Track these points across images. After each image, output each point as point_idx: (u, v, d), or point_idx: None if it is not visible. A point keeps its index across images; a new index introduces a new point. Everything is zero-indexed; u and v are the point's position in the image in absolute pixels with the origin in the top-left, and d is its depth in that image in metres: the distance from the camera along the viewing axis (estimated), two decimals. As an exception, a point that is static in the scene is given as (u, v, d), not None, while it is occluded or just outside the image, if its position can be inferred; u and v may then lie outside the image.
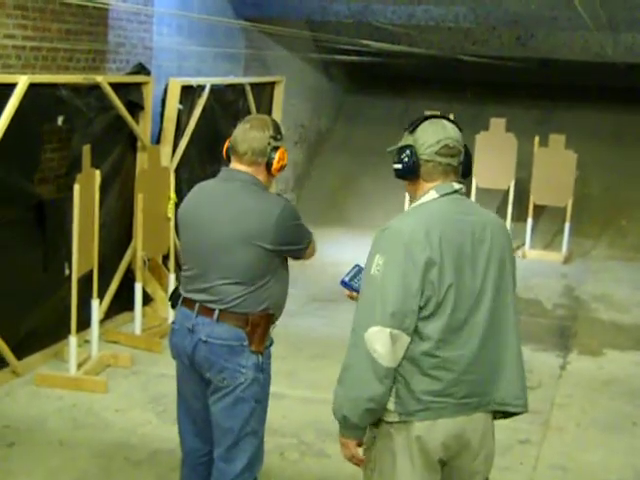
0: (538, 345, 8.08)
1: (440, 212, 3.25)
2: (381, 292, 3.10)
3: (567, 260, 11.82)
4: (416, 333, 3.13)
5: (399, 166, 3.33)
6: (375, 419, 3.21)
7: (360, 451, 3.32)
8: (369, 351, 3.09)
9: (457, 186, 3.32)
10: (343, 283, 3.58)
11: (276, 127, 4.13)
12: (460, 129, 3.39)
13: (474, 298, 3.22)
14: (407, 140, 3.34)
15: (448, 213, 3.25)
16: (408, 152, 3.30)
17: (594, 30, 9.92)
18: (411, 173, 3.31)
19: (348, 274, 3.58)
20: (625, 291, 10.43)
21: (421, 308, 3.12)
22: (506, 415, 3.41)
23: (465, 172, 3.43)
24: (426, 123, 3.34)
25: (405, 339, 3.11)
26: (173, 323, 4.21)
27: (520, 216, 11.86)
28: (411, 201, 3.43)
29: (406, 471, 3.23)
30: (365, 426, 3.23)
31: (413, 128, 3.34)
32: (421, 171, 3.30)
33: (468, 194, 3.48)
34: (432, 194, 3.29)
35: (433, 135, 3.29)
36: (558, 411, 6.75)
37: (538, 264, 11.33)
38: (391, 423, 3.21)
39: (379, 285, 3.11)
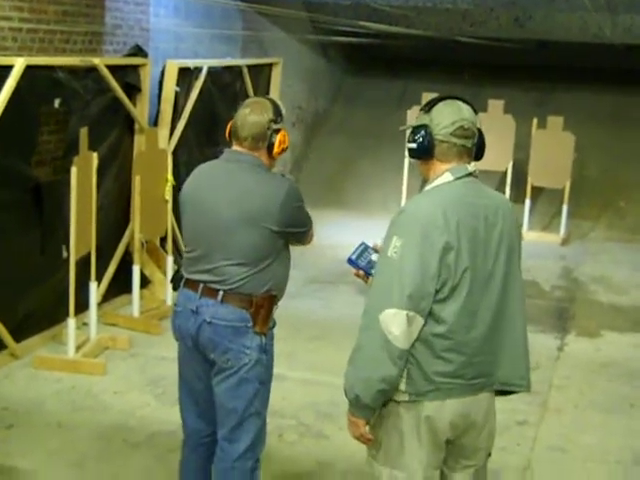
0: (536, 327, 8.08)
1: (456, 195, 3.25)
2: (399, 274, 3.11)
3: (565, 242, 11.82)
4: (431, 316, 3.15)
5: (414, 145, 3.32)
6: (386, 399, 3.23)
7: (367, 430, 3.33)
8: (384, 333, 3.09)
9: (471, 168, 3.33)
10: (350, 261, 3.57)
11: (276, 109, 4.13)
12: (475, 111, 3.39)
13: (485, 281, 3.24)
14: (422, 120, 3.33)
15: (463, 197, 3.26)
16: (423, 132, 3.30)
17: (592, 11, 9.90)
18: (425, 153, 3.31)
19: (355, 252, 3.58)
20: (623, 273, 10.43)
21: (437, 291, 3.13)
22: (507, 393, 3.46)
23: (478, 154, 3.43)
24: (441, 104, 3.33)
25: (420, 321, 3.12)
26: (175, 305, 4.21)
27: (518, 198, 11.84)
28: (423, 181, 3.44)
29: (413, 450, 3.27)
30: (376, 406, 3.24)
31: (429, 108, 3.34)
32: (435, 151, 3.30)
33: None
34: (447, 176, 3.29)
35: (449, 116, 3.28)
36: (556, 392, 6.76)
37: (536, 246, 11.32)
38: (400, 402, 3.24)
39: (397, 267, 3.12)
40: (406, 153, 3.41)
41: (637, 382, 7.04)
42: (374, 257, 3.52)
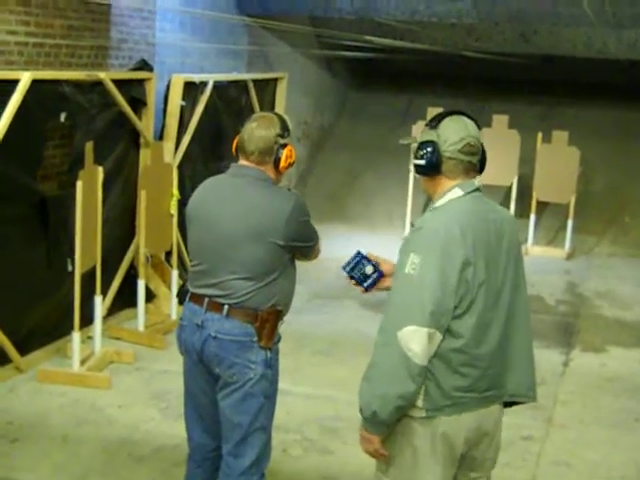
0: (541, 342, 8.07)
1: (468, 210, 3.26)
2: (419, 291, 3.09)
3: (570, 257, 11.81)
4: (448, 331, 3.15)
5: (422, 162, 3.30)
6: (402, 415, 3.21)
7: (383, 446, 3.30)
8: (403, 350, 3.07)
9: (477, 183, 3.34)
10: (344, 269, 3.60)
11: (283, 124, 4.14)
12: (479, 126, 3.39)
13: (496, 294, 3.26)
14: (429, 136, 3.32)
15: (475, 211, 3.27)
16: (431, 149, 3.29)
17: (597, 26, 9.91)
18: (433, 170, 3.30)
19: (349, 264, 3.59)
20: (628, 288, 10.42)
21: (455, 307, 3.13)
22: (513, 404, 3.50)
23: (480, 169, 3.42)
24: (448, 119, 3.32)
25: (439, 337, 3.12)
26: (181, 319, 4.22)
27: (523, 212, 11.84)
28: (428, 198, 3.46)
29: (428, 466, 3.25)
30: (392, 423, 3.22)
31: (436, 124, 3.32)
32: (443, 168, 3.29)
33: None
34: (457, 191, 3.29)
35: (456, 133, 3.28)
36: (561, 408, 6.74)
37: (541, 260, 11.31)
38: (415, 418, 3.22)
39: (416, 284, 3.10)
40: (411, 167, 3.45)
41: (643, 397, 7.03)
42: (368, 270, 3.57)
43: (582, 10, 8.44)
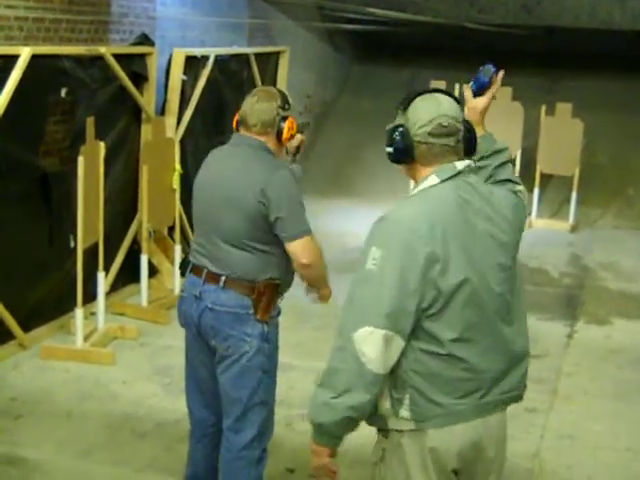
0: (545, 314, 8.06)
1: (443, 199, 2.92)
2: (377, 289, 2.81)
3: (574, 229, 11.78)
4: (427, 334, 2.85)
5: (390, 149, 3.01)
6: (354, 429, 2.94)
7: (332, 462, 3.00)
8: (357, 354, 2.80)
9: (460, 166, 2.98)
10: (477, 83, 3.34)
11: (284, 98, 4.17)
12: (459, 102, 3.06)
13: (489, 288, 2.94)
14: (400, 119, 3.01)
15: (452, 200, 2.92)
16: (399, 133, 2.98)
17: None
18: (405, 156, 3.00)
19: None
20: (632, 260, 10.39)
21: (427, 308, 2.82)
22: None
23: (469, 149, 3.08)
24: (418, 100, 3.00)
25: (399, 342, 2.82)
26: (181, 291, 4.24)
27: (527, 185, 11.72)
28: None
29: None
30: (342, 435, 2.94)
31: (405, 105, 3.02)
32: (415, 154, 2.97)
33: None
34: (433, 179, 2.95)
35: (425, 113, 2.95)
36: (565, 380, 6.74)
37: (545, 233, 11.28)
38: (403, 432, 2.94)
39: (376, 281, 2.82)
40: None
41: (647, 369, 7.03)
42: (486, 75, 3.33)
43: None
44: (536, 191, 11.90)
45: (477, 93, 3.33)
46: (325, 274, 4.25)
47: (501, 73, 3.36)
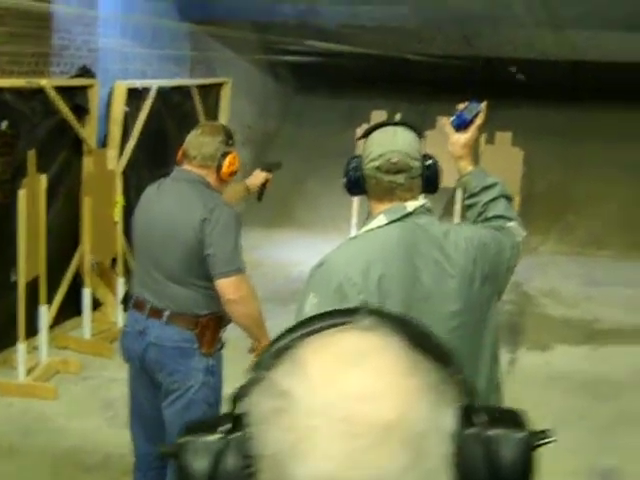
0: (488, 341, 8.13)
1: (387, 243, 2.84)
2: None
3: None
4: None
5: (344, 180, 3.00)
6: None
7: None
8: None
9: (411, 207, 2.90)
10: (459, 120, 3.29)
11: (228, 133, 4.19)
12: (420, 135, 3.03)
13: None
14: (359, 149, 3.05)
15: (397, 244, 2.84)
16: (353, 165, 2.96)
17: (538, 28, 10.02)
18: (355, 188, 2.99)
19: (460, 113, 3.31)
20: (573, 286, 10.52)
21: None
22: None
23: (429, 188, 3.01)
24: (378, 131, 2.98)
25: None
26: (125, 326, 4.22)
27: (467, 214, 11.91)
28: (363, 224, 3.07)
29: None
30: None
31: (365, 136, 3.00)
32: (367, 188, 2.95)
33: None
34: (381, 219, 2.89)
35: (378, 147, 2.91)
36: (508, 406, 6.78)
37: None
38: None
39: None
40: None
41: (588, 394, 7.10)
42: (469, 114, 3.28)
43: (523, 12, 8.53)
44: (477, 219, 11.99)
45: (458, 129, 3.28)
46: (259, 319, 4.18)
47: (484, 104, 3.33)
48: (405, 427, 0.85)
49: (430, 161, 3.01)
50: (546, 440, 0.95)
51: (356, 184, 2.96)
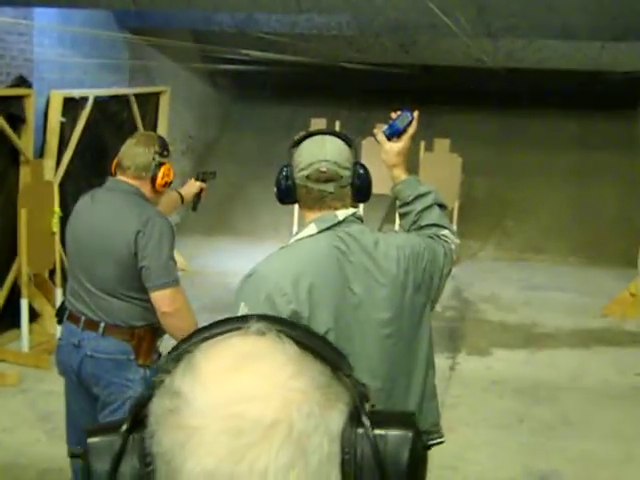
0: (428, 347, 8.18)
1: (317, 252, 2.85)
2: None
3: (455, 262, 11.94)
4: None
5: (275, 189, 3.00)
6: None
7: None
8: None
9: (342, 215, 2.90)
10: (391, 129, 3.26)
11: (163, 144, 4.15)
12: (350, 145, 3.00)
13: (363, 344, 2.85)
14: (289, 159, 2.99)
15: (327, 253, 2.84)
16: (284, 174, 2.96)
17: (474, 37, 10.12)
18: (287, 198, 2.99)
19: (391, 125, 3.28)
20: (512, 291, 10.63)
21: None
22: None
23: (360, 196, 3.01)
24: (307, 141, 2.97)
25: None
26: (59, 339, 4.18)
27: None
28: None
29: None
30: None
31: (294, 145, 3.01)
32: (297, 196, 2.96)
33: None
34: (311, 228, 2.89)
35: (307, 156, 2.92)
36: (448, 412, 6.79)
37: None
38: None
39: None
40: None
41: (526, 398, 7.18)
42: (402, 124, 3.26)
43: (459, 21, 8.61)
44: (417, 226, 12.06)
45: (391, 138, 3.28)
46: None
47: (416, 113, 3.32)
48: (289, 426, 0.89)
49: (361, 170, 3.01)
50: (437, 441, 1.01)
51: (287, 193, 2.96)
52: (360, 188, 3.00)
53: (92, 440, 0.98)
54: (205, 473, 0.88)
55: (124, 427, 0.96)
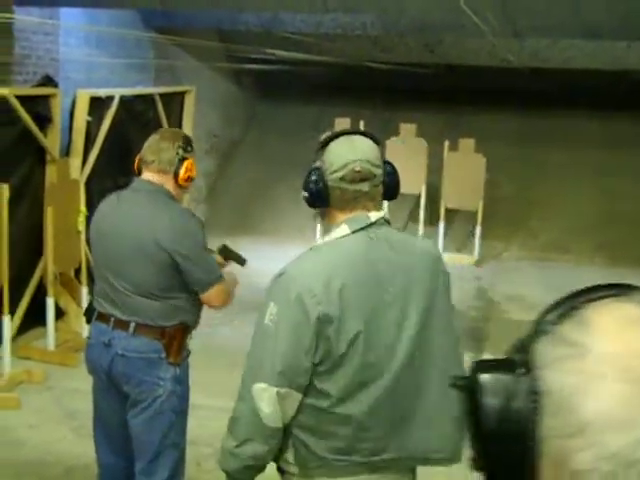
0: (452, 347, 8.17)
1: (349, 254, 2.85)
2: (273, 346, 2.77)
3: (479, 262, 11.97)
4: (313, 388, 2.81)
5: (305, 194, 2.95)
6: (262, 471, 2.95)
7: None
8: (254, 408, 2.78)
9: (374, 217, 2.89)
10: None
11: (186, 140, 4.16)
12: (378, 143, 2.99)
13: (388, 346, 2.84)
14: (317, 162, 2.94)
15: (361, 254, 2.85)
16: (314, 177, 2.91)
17: (499, 36, 10.11)
18: (319, 201, 2.94)
19: None
20: (536, 291, 10.57)
21: (319, 364, 2.78)
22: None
23: (389, 194, 3.00)
24: (334, 142, 2.93)
25: (296, 396, 2.79)
26: (88, 338, 4.19)
27: (432, 220, 11.98)
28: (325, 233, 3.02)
29: None
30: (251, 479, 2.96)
31: (322, 147, 2.95)
32: (330, 199, 2.90)
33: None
34: (344, 229, 2.88)
35: (339, 157, 2.88)
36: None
37: (451, 267, 11.20)
38: (293, 475, 2.93)
39: (272, 337, 2.78)
40: None
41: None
42: None
43: (485, 21, 8.60)
44: (441, 226, 12.07)
45: None
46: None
47: None
48: None
49: (390, 168, 3.02)
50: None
51: (319, 196, 2.92)
52: (390, 186, 3.01)
53: (485, 377, 1.12)
54: (602, 414, 0.97)
55: (521, 370, 1.08)
